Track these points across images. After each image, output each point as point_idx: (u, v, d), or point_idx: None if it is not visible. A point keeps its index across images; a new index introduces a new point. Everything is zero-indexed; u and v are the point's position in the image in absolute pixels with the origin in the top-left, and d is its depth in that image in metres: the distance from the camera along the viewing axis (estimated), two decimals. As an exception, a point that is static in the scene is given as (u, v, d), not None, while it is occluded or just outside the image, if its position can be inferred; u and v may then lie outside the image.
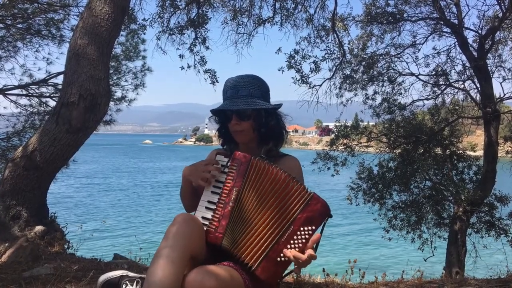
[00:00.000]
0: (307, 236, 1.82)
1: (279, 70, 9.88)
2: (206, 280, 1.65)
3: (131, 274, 2.46)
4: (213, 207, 1.99)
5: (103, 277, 2.44)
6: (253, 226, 1.90)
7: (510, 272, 3.29)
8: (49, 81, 8.75)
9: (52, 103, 8.60)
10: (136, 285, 2.32)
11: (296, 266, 1.80)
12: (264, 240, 1.85)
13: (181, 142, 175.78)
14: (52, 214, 4.23)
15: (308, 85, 10.12)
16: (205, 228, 1.95)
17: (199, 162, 2.13)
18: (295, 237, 1.83)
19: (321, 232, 1.88)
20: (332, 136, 10.94)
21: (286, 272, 1.92)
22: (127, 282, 2.39)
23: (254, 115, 2.20)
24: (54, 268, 3.24)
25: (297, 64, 9.82)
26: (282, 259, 1.82)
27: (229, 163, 2.04)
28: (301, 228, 1.84)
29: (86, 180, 40.57)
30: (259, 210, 1.91)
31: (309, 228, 1.84)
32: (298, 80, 10.04)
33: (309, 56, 9.76)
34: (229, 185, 1.97)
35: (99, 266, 3.39)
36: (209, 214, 1.99)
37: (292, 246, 1.83)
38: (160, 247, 1.76)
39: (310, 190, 1.90)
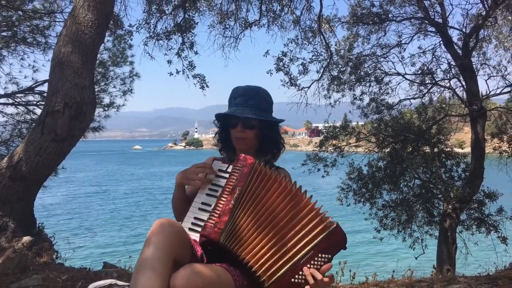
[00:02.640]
0: (322, 263, 1.84)
1: (268, 73, 9.88)
2: (192, 279, 1.65)
3: (119, 282, 2.46)
4: (208, 208, 1.99)
5: (92, 286, 2.43)
6: (258, 231, 1.89)
7: (498, 268, 3.32)
8: (35, 89, 8.68)
9: (39, 111, 8.53)
10: (125, 294, 2.31)
11: (309, 285, 1.80)
12: (280, 256, 1.84)
13: (171, 146, 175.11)
14: (40, 224, 4.18)
15: (296, 87, 10.16)
16: (199, 229, 1.94)
17: (192, 166, 2.14)
18: (312, 262, 1.84)
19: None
20: (322, 137, 10.98)
21: None
22: (115, 290, 2.38)
23: (260, 126, 2.26)
24: (43, 279, 3.20)
25: (285, 66, 9.85)
26: (296, 280, 1.82)
27: (229, 168, 2.06)
28: (319, 255, 1.85)
29: (77, 189, 40.12)
30: (265, 216, 1.91)
31: (326, 256, 1.86)
32: (287, 83, 10.08)
33: (297, 58, 9.82)
34: (232, 184, 1.98)
35: (88, 275, 3.36)
36: (203, 215, 1.98)
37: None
38: (142, 256, 1.74)
39: (332, 220, 1.90)
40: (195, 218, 2.00)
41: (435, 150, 9.65)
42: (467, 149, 10.01)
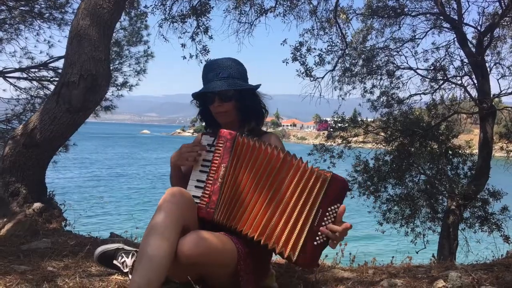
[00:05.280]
0: (335, 214, 1.88)
1: (283, 62, 9.91)
2: (198, 244, 1.75)
3: (126, 247, 2.54)
4: (203, 185, 2.06)
5: (99, 249, 2.52)
6: (253, 201, 1.95)
7: (495, 257, 3.39)
8: (50, 64, 8.75)
9: (52, 87, 8.62)
10: (132, 258, 2.40)
11: (332, 240, 1.87)
12: (292, 226, 1.88)
13: (179, 133, 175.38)
14: (50, 192, 4.29)
15: (311, 77, 10.18)
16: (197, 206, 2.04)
17: (183, 145, 2.20)
18: (325, 218, 1.88)
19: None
20: (330, 130, 11.02)
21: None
22: (122, 254, 2.46)
23: (236, 95, 2.27)
24: (52, 243, 3.31)
25: (302, 56, 9.86)
26: (319, 242, 1.87)
27: (215, 141, 2.11)
28: (328, 208, 1.88)
29: (89, 171, 40.21)
30: (257, 186, 1.96)
31: (335, 206, 1.89)
32: (302, 73, 10.09)
33: (314, 49, 9.82)
34: (217, 162, 2.04)
35: (96, 242, 3.46)
36: (199, 192, 2.06)
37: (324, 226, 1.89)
38: (153, 221, 1.84)
39: (326, 170, 1.94)
40: (193, 196, 2.06)
41: (442, 147, 9.66)
42: (475, 151, 10.00)
